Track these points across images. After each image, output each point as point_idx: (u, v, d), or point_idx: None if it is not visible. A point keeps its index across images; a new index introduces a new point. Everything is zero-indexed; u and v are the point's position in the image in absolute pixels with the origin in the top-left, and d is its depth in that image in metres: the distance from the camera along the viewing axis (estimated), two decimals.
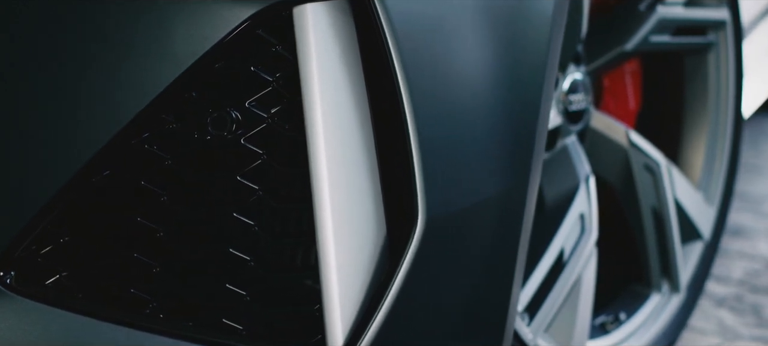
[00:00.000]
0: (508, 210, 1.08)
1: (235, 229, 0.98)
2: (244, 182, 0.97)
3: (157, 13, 0.93)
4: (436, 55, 0.98)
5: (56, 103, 0.92)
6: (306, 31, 0.94)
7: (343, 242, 0.96)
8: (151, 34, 0.93)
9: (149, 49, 0.93)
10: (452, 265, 1.04)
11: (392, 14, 0.94)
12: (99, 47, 0.92)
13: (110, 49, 0.92)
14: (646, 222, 1.50)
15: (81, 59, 0.92)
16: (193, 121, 0.96)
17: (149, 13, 0.93)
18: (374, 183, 0.98)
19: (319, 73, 0.94)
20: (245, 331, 0.99)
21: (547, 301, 1.33)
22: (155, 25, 0.93)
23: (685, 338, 1.76)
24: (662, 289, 1.54)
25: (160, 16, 0.93)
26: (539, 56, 1.08)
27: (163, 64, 0.93)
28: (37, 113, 0.92)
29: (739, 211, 2.55)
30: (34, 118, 0.92)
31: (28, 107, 0.91)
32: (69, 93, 0.92)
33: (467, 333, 1.09)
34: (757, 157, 3.12)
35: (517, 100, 1.07)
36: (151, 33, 0.93)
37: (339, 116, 0.95)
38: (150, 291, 0.98)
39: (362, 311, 0.99)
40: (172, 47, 0.93)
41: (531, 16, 1.07)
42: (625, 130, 1.47)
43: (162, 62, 0.93)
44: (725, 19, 1.58)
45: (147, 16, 0.93)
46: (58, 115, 0.92)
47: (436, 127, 0.99)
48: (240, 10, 0.93)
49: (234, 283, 0.99)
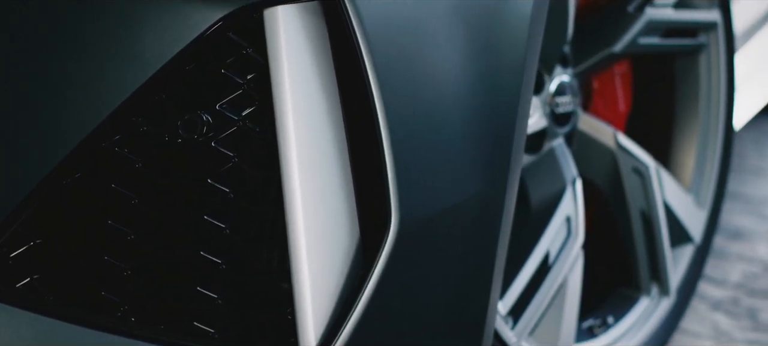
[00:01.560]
0: (485, 212, 1.08)
1: (207, 232, 0.97)
2: (215, 185, 0.97)
3: (128, 15, 0.93)
4: (409, 56, 0.98)
5: (26, 105, 0.92)
6: (277, 33, 0.94)
7: (315, 244, 0.96)
8: (122, 37, 0.93)
9: (120, 52, 0.93)
10: (427, 267, 1.03)
11: (363, 16, 0.94)
12: (69, 49, 0.92)
13: (81, 51, 0.92)
14: (634, 225, 1.49)
15: (51, 61, 0.92)
16: (164, 123, 0.96)
17: (119, 15, 0.92)
18: (347, 186, 0.98)
19: (290, 76, 0.94)
20: (217, 334, 0.99)
21: (531, 304, 1.32)
22: (126, 27, 0.93)
23: (678, 342, 1.75)
24: (651, 292, 1.53)
25: (130, 18, 0.92)
26: (517, 58, 1.08)
27: (134, 66, 0.93)
28: (7, 115, 0.92)
29: (740, 213, 2.53)
30: (4, 120, 0.92)
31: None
32: (39, 95, 0.92)
33: (444, 336, 1.08)
34: (761, 159, 3.10)
35: (494, 102, 1.06)
36: (122, 35, 0.93)
37: (310, 118, 0.95)
38: (122, 294, 0.98)
39: (335, 314, 0.99)
40: (143, 49, 0.93)
41: (508, 18, 1.07)
42: (613, 132, 1.46)
43: (132, 64, 0.93)
44: (716, 21, 1.57)
45: (117, 18, 0.92)
46: (28, 118, 0.92)
47: (410, 129, 0.98)
48: (211, 12, 0.93)
49: (206, 286, 0.98)
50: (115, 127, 0.95)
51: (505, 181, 1.09)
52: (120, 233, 0.96)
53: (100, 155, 0.95)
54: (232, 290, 0.99)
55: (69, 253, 0.96)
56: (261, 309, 0.99)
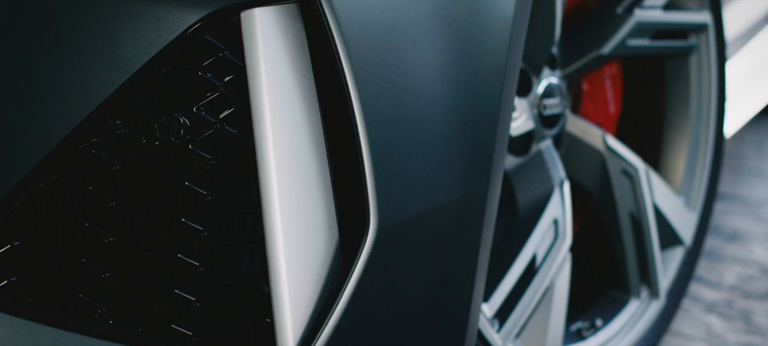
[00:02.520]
0: (466, 215, 1.07)
1: (184, 234, 0.97)
2: (192, 187, 0.97)
3: (104, 17, 0.92)
4: (388, 59, 0.97)
5: (3, 107, 0.92)
6: (254, 35, 0.93)
7: (293, 247, 0.96)
8: (99, 39, 0.93)
9: (97, 54, 0.93)
10: (407, 270, 1.03)
11: (341, 18, 0.94)
12: (47, 51, 0.92)
13: (58, 54, 0.92)
14: (623, 228, 1.48)
15: (29, 63, 0.92)
16: (142, 126, 0.96)
17: (96, 17, 0.92)
18: (325, 188, 0.98)
19: (267, 78, 0.94)
20: (195, 336, 0.99)
21: (518, 307, 1.32)
22: (103, 30, 0.93)
23: (670, 344, 1.74)
24: (641, 295, 1.52)
25: (107, 20, 0.92)
26: (498, 61, 1.07)
27: (111, 68, 0.93)
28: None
29: (738, 215, 2.52)
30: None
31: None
32: (16, 97, 0.92)
33: (425, 337, 1.08)
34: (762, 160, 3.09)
35: (475, 104, 1.06)
36: (99, 37, 0.93)
37: (288, 121, 0.95)
38: (100, 296, 0.98)
39: (314, 316, 0.98)
40: (120, 52, 0.93)
41: (489, 20, 1.06)
42: (601, 134, 1.46)
43: (110, 67, 0.93)
44: (707, 23, 1.57)
45: (94, 20, 0.92)
46: (5, 120, 0.92)
47: (388, 133, 0.98)
48: (188, 14, 0.93)
49: (184, 288, 0.98)
50: (93, 129, 0.95)
51: (486, 183, 1.08)
52: (98, 235, 0.96)
53: (78, 158, 0.95)
54: (210, 293, 0.99)
55: (47, 255, 0.96)
56: (239, 312, 0.99)
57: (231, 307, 0.99)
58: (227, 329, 1.00)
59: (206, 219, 0.97)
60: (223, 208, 0.97)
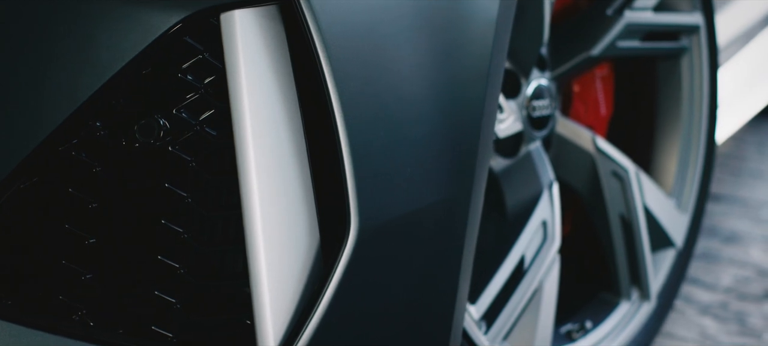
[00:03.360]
0: (449, 216, 1.07)
1: (165, 236, 0.97)
2: (173, 189, 0.97)
3: (83, 18, 0.93)
4: (368, 61, 0.97)
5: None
6: (234, 37, 0.93)
7: (273, 248, 0.96)
8: (78, 40, 0.93)
9: (76, 56, 0.93)
10: (389, 271, 1.03)
11: (321, 20, 0.94)
12: (26, 53, 0.92)
13: (37, 55, 0.92)
14: (614, 230, 1.48)
15: (7, 65, 0.92)
16: (122, 128, 0.96)
17: (75, 19, 0.93)
18: (306, 190, 0.98)
19: (247, 80, 0.94)
20: (175, 338, 0.99)
21: (505, 309, 1.32)
22: (82, 31, 0.93)
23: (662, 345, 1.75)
24: (632, 297, 1.52)
25: (86, 22, 0.93)
26: (482, 63, 1.07)
27: (91, 70, 0.93)
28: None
29: (737, 217, 2.52)
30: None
31: None
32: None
33: (409, 338, 1.08)
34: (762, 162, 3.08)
35: (458, 106, 1.06)
36: (78, 39, 0.93)
37: (268, 123, 0.95)
38: (80, 298, 0.98)
39: (295, 318, 0.98)
40: (99, 53, 0.93)
41: (472, 23, 1.06)
42: (591, 136, 1.46)
43: (89, 69, 0.93)
44: (699, 24, 1.56)
45: (73, 22, 0.93)
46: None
47: (369, 134, 0.98)
48: (167, 16, 0.93)
49: (164, 290, 0.98)
50: (73, 131, 0.95)
51: (470, 185, 1.08)
52: (78, 237, 0.97)
53: (58, 159, 0.95)
54: (190, 295, 0.99)
55: (27, 257, 0.96)
56: (220, 313, 0.99)
57: (211, 309, 0.99)
58: (208, 331, 1.00)
59: (186, 221, 0.97)
60: (203, 210, 0.97)
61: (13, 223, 0.95)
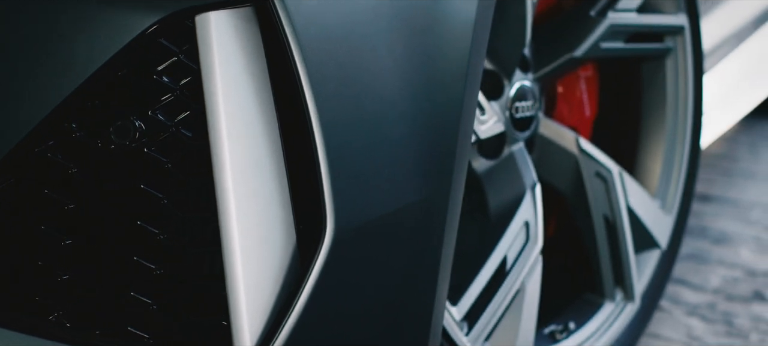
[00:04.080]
0: (427, 217, 1.07)
1: (141, 238, 0.98)
2: (148, 191, 0.97)
3: (59, 20, 0.93)
4: (344, 63, 0.98)
5: None
6: (209, 39, 0.94)
7: (249, 250, 0.96)
8: (54, 42, 0.93)
9: (51, 57, 0.93)
10: (366, 272, 1.03)
11: (296, 22, 0.94)
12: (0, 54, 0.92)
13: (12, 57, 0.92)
14: (597, 230, 1.48)
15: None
16: (97, 129, 0.96)
17: (51, 20, 0.93)
18: (282, 191, 0.98)
19: (222, 81, 0.94)
20: (152, 339, 0.99)
21: (487, 310, 1.32)
22: (57, 33, 0.93)
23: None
24: (616, 298, 1.52)
25: (61, 23, 0.93)
26: (459, 65, 1.07)
27: (66, 71, 0.93)
28: None
29: (727, 218, 2.52)
30: None
31: None
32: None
33: (386, 338, 1.08)
34: (755, 163, 3.09)
35: (435, 108, 1.06)
36: (54, 41, 0.93)
37: (243, 124, 0.95)
38: (56, 299, 0.98)
39: (271, 319, 0.99)
40: (74, 55, 0.93)
41: (450, 24, 1.06)
42: (575, 137, 1.46)
43: (64, 70, 0.93)
44: (683, 25, 1.56)
45: (48, 23, 0.93)
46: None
47: (346, 135, 0.98)
48: (142, 18, 0.93)
49: (140, 291, 0.98)
50: (48, 132, 0.95)
51: (448, 185, 1.08)
52: (54, 238, 0.97)
53: (34, 161, 0.95)
54: (166, 296, 0.99)
55: (4, 258, 0.97)
56: (196, 314, 0.99)
57: (188, 310, 0.99)
58: (184, 332, 1.00)
59: (162, 222, 0.98)
60: (179, 211, 0.97)
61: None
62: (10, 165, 0.94)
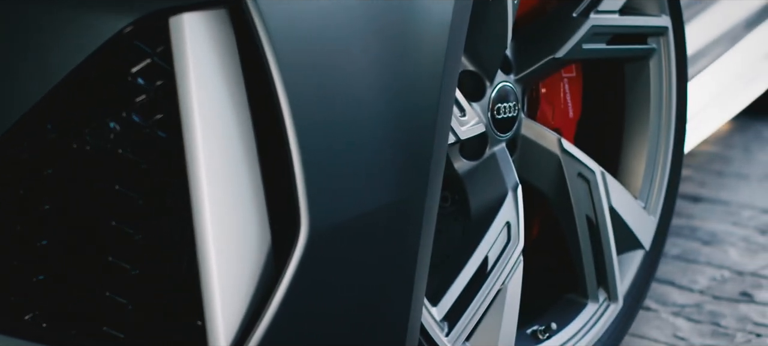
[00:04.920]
0: (404, 218, 1.08)
1: (116, 238, 0.98)
2: (123, 192, 0.98)
3: (33, 23, 0.94)
4: (318, 64, 0.98)
5: None
6: (182, 41, 0.94)
7: (224, 250, 0.97)
8: (27, 44, 0.94)
9: (26, 59, 0.94)
10: (342, 272, 1.04)
11: (269, 24, 0.95)
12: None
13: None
14: (580, 231, 1.48)
15: None
16: (72, 131, 0.97)
17: (24, 23, 0.94)
18: (257, 192, 0.99)
19: (196, 82, 0.95)
20: (127, 339, 1.00)
21: (468, 310, 1.33)
22: (31, 35, 0.94)
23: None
24: (599, 298, 1.53)
25: (35, 26, 0.94)
26: (435, 66, 1.08)
27: (40, 73, 0.94)
28: None
29: (717, 219, 2.52)
30: None
31: None
32: None
33: (362, 338, 1.08)
34: (748, 164, 3.09)
35: (411, 109, 1.06)
36: (28, 43, 0.94)
37: (217, 125, 0.96)
38: (32, 299, 0.99)
39: (246, 319, 0.99)
40: (49, 57, 0.94)
41: (425, 26, 1.07)
42: (557, 138, 1.46)
43: (39, 72, 0.94)
44: (666, 26, 1.57)
45: (22, 26, 0.94)
46: None
47: (320, 136, 0.99)
48: (116, 20, 0.94)
49: (115, 292, 0.99)
50: (23, 134, 0.96)
51: (424, 186, 1.09)
52: (30, 238, 0.98)
53: (9, 162, 0.96)
54: (142, 296, 1.00)
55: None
56: (171, 315, 1.00)
57: (163, 310, 1.00)
58: (159, 332, 1.00)
59: (137, 222, 0.98)
60: (154, 211, 0.98)
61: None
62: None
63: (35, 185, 0.97)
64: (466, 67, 1.38)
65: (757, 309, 1.95)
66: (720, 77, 2.53)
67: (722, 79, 2.55)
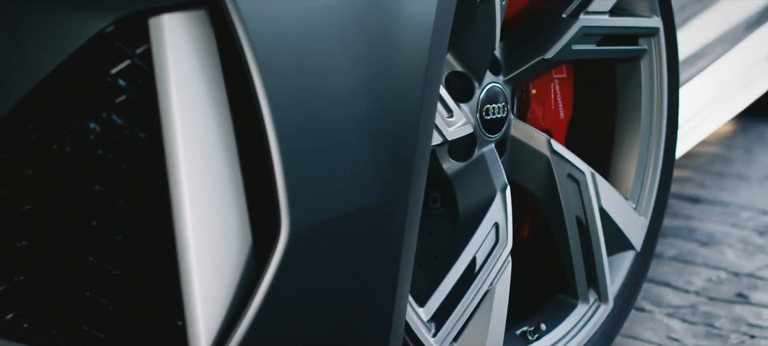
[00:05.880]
0: (386, 219, 1.08)
1: (97, 238, 0.99)
2: (104, 192, 0.98)
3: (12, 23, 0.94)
4: (299, 65, 0.99)
5: None
6: (162, 41, 0.95)
7: (204, 250, 0.97)
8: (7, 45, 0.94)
9: (5, 60, 0.94)
10: (323, 272, 1.04)
11: (248, 25, 0.95)
12: None
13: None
14: (570, 232, 1.48)
15: None
16: (52, 131, 0.97)
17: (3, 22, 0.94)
18: (237, 192, 0.99)
19: (176, 83, 0.95)
20: (108, 339, 1.00)
21: (455, 310, 1.33)
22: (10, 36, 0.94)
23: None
24: (589, 299, 1.52)
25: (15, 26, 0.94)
26: (418, 67, 1.08)
27: (20, 73, 0.95)
28: None
29: (715, 220, 2.52)
30: None
31: None
32: None
33: (344, 338, 1.09)
34: (749, 166, 3.08)
35: (393, 110, 1.07)
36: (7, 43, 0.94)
37: (197, 126, 0.96)
38: (13, 299, 0.99)
39: (227, 319, 1.00)
40: (29, 58, 0.94)
41: (408, 26, 1.07)
42: (546, 138, 1.46)
43: (19, 72, 0.95)
44: (657, 26, 1.57)
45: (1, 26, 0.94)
46: None
47: (300, 137, 0.99)
48: (96, 21, 0.95)
49: (96, 291, 0.99)
50: (4, 135, 0.96)
51: (407, 187, 1.09)
52: (11, 238, 0.98)
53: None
54: (122, 296, 1.00)
55: None
56: (152, 315, 1.00)
57: (144, 310, 1.00)
58: (140, 332, 1.01)
59: (118, 222, 0.99)
60: (134, 211, 0.98)
61: None
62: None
63: (16, 185, 0.97)
64: (455, 68, 1.38)
65: (752, 310, 1.95)
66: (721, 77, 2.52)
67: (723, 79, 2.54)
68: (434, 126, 1.27)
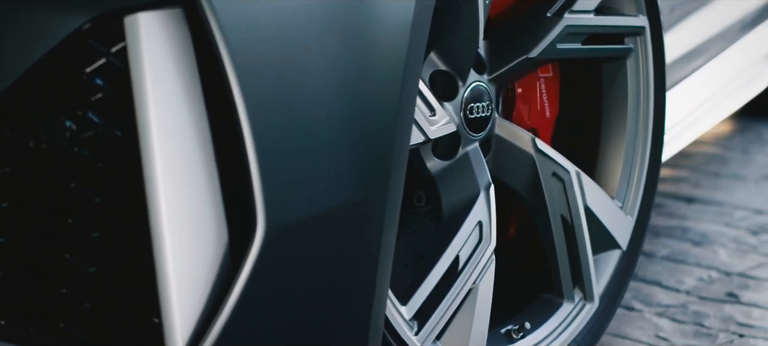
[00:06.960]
0: (364, 217, 1.09)
1: (73, 236, 0.99)
2: (80, 190, 0.99)
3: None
4: (275, 64, 0.99)
5: None
6: (138, 40, 0.95)
7: (180, 248, 0.97)
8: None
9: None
10: (300, 270, 1.05)
11: (224, 24, 0.96)
12: None
13: None
14: (555, 231, 1.49)
15: None
16: (28, 129, 0.98)
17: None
18: (213, 190, 0.99)
19: (152, 82, 0.95)
20: (85, 336, 1.01)
21: (438, 309, 1.33)
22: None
23: None
24: (574, 298, 1.53)
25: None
26: (395, 66, 1.09)
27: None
28: None
29: (710, 220, 2.52)
30: None
31: None
32: None
33: (322, 337, 1.09)
34: (745, 166, 3.08)
35: (370, 109, 1.07)
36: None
37: (173, 124, 0.96)
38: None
39: (203, 317, 1.00)
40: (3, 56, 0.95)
41: (385, 26, 1.08)
42: (531, 137, 1.47)
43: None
44: (643, 26, 1.57)
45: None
46: None
47: (276, 135, 0.99)
48: (71, 19, 0.95)
49: (73, 289, 1.00)
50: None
51: (385, 186, 1.10)
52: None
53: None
54: (99, 293, 1.00)
55: None
56: (129, 312, 1.01)
57: (121, 307, 1.01)
58: (117, 329, 1.01)
59: (94, 220, 0.99)
60: (110, 209, 0.99)
61: None
62: None
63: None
64: (438, 67, 1.38)
65: (742, 310, 1.95)
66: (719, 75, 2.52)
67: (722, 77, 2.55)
68: (415, 124, 1.27)
